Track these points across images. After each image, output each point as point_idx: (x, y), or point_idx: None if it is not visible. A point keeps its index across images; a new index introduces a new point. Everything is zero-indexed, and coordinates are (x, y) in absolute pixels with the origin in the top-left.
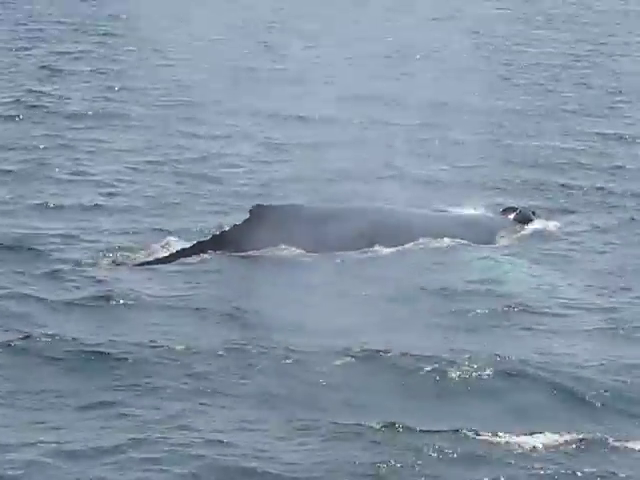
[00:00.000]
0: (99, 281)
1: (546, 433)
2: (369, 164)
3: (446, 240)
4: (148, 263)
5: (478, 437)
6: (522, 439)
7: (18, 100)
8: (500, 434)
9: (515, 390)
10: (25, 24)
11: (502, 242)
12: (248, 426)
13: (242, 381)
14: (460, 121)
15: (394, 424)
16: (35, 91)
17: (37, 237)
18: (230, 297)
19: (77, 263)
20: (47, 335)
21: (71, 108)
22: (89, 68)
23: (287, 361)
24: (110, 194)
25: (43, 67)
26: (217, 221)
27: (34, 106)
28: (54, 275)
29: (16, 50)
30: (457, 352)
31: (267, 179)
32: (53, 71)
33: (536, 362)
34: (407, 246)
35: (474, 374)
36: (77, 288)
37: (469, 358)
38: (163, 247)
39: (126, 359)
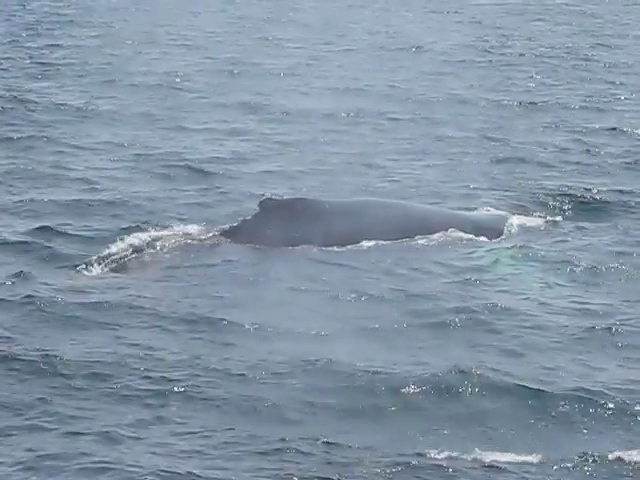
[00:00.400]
0: (79, 282)
1: (514, 451)
2: (359, 159)
3: (458, 235)
4: (141, 262)
5: (438, 454)
6: (488, 456)
7: (7, 93)
8: (463, 452)
9: (482, 403)
10: (20, 16)
11: (500, 242)
12: (205, 437)
13: (206, 389)
14: (452, 116)
15: (350, 439)
16: (26, 84)
17: (19, 234)
18: (215, 299)
19: (61, 261)
20: (12, 341)
21: (61, 102)
22: (83, 61)
23: (255, 369)
24: (97, 190)
25: (35, 59)
26: (212, 216)
27: (21, 100)
28: (34, 274)
29: (9, 42)
30: (424, 362)
31: (259, 174)
32: (45, 64)
33: (509, 372)
34: (415, 242)
35: (438, 385)
36: (58, 289)
37: (434, 368)
38: (161, 244)
39: (86, 365)
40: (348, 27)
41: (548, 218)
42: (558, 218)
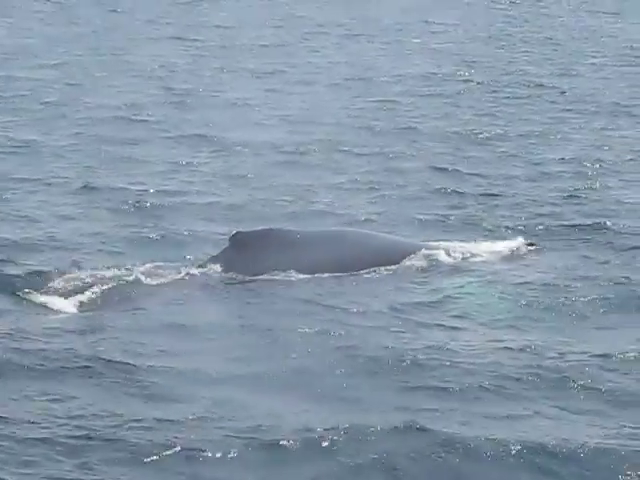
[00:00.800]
0: (16, 324)
1: None
2: (308, 191)
3: (429, 265)
4: (89, 303)
5: None
6: None
7: None
8: None
9: (399, 450)
10: None
11: (454, 275)
12: None
13: (130, 438)
14: (406, 146)
15: None
16: None
17: None
18: (153, 344)
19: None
20: None
21: (12, 136)
22: (38, 93)
23: (178, 415)
24: (41, 226)
25: None
26: (163, 254)
27: None
28: None
29: None
30: (350, 409)
31: (209, 208)
32: None
33: (435, 419)
34: (388, 273)
35: (356, 433)
36: None
37: (357, 413)
38: (113, 285)
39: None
40: (308, 55)
41: (497, 251)
42: (505, 251)
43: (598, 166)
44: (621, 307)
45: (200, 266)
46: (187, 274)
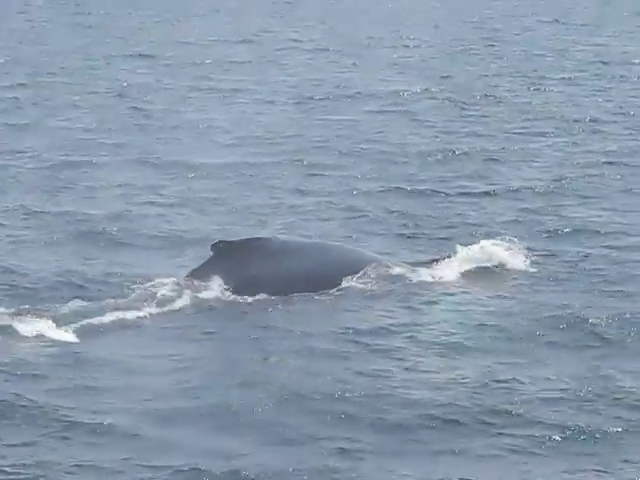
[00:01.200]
0: None
1: None
2: (268, 213)
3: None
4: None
5: None
6: None
7: None
8: None
9: None
10: None
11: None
12: None
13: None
14: (372, 166)
15: None
16: None
17: None
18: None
19: None
20: None
21: None
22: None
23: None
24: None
25: None
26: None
27: None
28: None
29: None
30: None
31: (172, 233)
32: None
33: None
34: (357, 291)
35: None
36: None
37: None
38: (78, 317)
39: None
40: (277, 73)
41: (460, 272)
42: (468, 273)
43: (562, 184)
44: (578, 334)
45: (180, 281)
46: (164, 290)
